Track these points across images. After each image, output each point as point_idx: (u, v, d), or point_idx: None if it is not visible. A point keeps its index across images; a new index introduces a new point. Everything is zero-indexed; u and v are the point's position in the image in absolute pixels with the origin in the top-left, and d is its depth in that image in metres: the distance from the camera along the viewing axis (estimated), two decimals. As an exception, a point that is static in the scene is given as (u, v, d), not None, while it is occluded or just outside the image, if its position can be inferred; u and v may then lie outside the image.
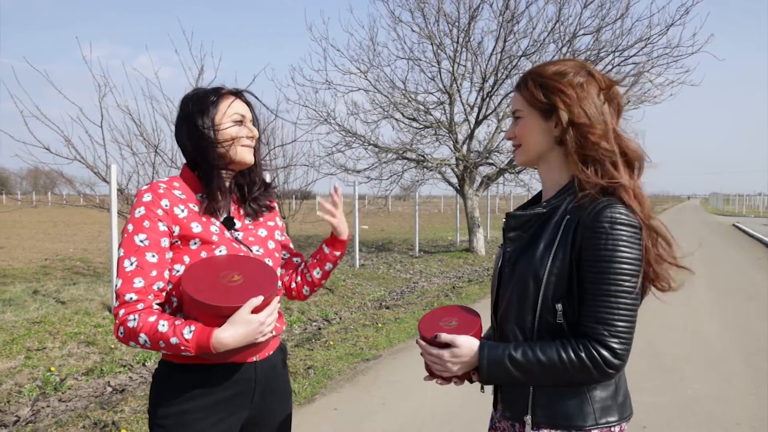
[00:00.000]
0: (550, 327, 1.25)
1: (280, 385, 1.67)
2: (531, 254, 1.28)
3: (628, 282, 1.18)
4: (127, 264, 1.41)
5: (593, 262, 1.19)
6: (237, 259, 1.51)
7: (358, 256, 11.41)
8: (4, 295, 7.29)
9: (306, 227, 20.66)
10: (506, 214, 1.38)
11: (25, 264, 11.32)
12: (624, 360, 1.19)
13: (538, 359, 1.21)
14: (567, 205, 1.28)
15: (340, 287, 8.97)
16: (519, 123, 1.36)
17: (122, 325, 1.39)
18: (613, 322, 1.18)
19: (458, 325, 1.37)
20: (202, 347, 1.35)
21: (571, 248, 1.22)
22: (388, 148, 12.69)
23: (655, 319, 6.78)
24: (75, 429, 3.57)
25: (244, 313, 1.36)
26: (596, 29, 10.89)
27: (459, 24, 11.66)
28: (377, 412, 3.90)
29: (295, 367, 4.72)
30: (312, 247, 15.30)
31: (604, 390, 1.25)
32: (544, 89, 1.29)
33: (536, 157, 1.36)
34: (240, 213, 1.65)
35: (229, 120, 1.55)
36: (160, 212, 1.46)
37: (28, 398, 4.24)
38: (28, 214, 31.19)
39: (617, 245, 1.17)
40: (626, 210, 1.21)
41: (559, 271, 1.22)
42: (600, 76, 1.31)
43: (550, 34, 11.08)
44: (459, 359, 1.29)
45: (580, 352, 1.18)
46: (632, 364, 5.31)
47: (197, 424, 1.46)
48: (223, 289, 1.40)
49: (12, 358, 4.83)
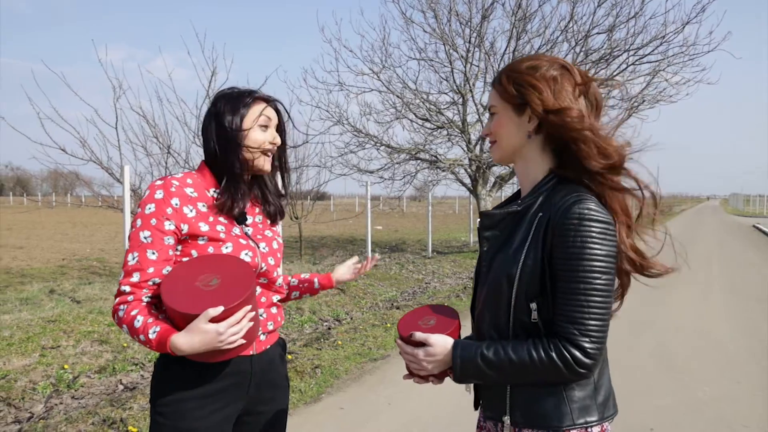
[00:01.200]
0: (525, 326, 1.24)
1: (276, 378, 1.70)
2: (505, 253, 1.27)
3: (599, 279, 1.16)
4: (130, 258, 1.49)
5: (563, 260, 1.18)
6: (223, 261, 1.53)
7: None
8: (22, 294, 7.44)
9: (320, 228, 20.81)
10: (480, 213, 1.38)
11: (42, 264, 11.53)
12: (595, 359, 1.18)
13: (509, 358, 1.20)
14: (541, 201, 1.27)
15: (352, 287, 9.00)
16: (494, 119, 1.36)
17: (115, 314, 1.49)
18: (584, 321, 1.16)
19: (436, 324, 1.37)
20: (162, 348, 1.40)
21: (542, 246, 1.21)
22: (400, 149, 12.70)
23: (668, 320, 6.71)
24: (84, 425, 3.64)
25: (200, 323, 1.37)
26: (610, 28, 10.78)
27: (471, 24, 11.63)
28: (383, 412, 3.92)
29: (303, 367, 4.76)
30: (325, 248, 15.37)
31: (582, 389, 1.24)
32: (517, 84, 1.29)
33: (511, 153, 1.36)
34: (255, 211, 1.71)
35: (257, 125, 1.60)
36: (170, 210, 1.50)
37: (42, 395, 4.32)
38: (48, 215, 31.73)
39: (586, 242, 1.16)
40: (597, 205, 1.19)
41: (532, 269, 1.21)
42: (576, 71, 1.30)
43: (563, 33, 11.00)
44: (433, 358, 1.29)
45: (551, 351, 1.17)
46: (642, 364, 5.25)
47: (194, 413, 1.51)
48: (192, 294, 1.43)
49: (27, 356, 4.93)
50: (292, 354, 5.15)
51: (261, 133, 1.61)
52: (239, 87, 1.66)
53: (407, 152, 12.74)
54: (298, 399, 4.13)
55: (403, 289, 9.57)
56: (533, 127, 1.28)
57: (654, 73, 11.28)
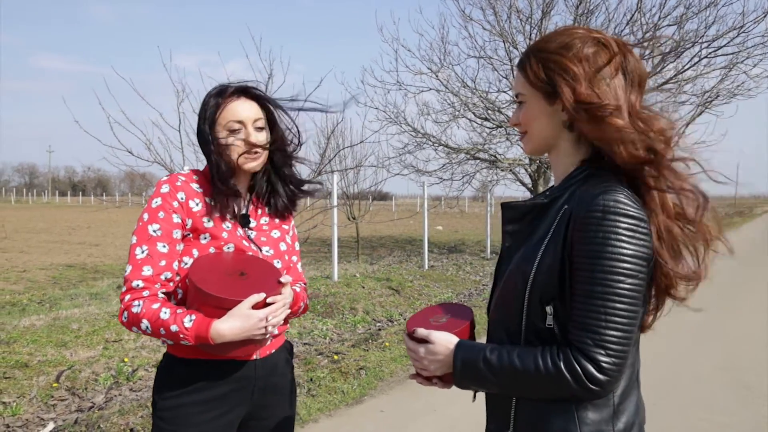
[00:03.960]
0: (538, 332, 1.10)
1: (282, 383, 1.68)
2: (524, 249, 1.14)
3: (623, 283, 1.00)
4: (138, 252, 1.46)
5: (582, 258, 1.03)
6: (246, 258, 1.54)
7: (427, 258, 11.36)
8: (92, 290, 7.87)
9: (380, 228, 20.89)
10: (501, 204, 1.25)
11: (114, 260, 12.18)
12: (612, 376, 1.01)
13: (512, 364, 1.07)
14: (569, 194, 1.12)
15: (407, 288, 8.96)
16: (522, 108, 1.21)
17: (126, 310, 1.43)
18: (600, 330, 1.00)
19: (446, 322, 1.27)
20: (200, 337, 1.37)
21: (563, 242, 1.06)
22: (459, 149, 12.55)
23: (737, 330, 6.27)
24: (134, 417, 3.79)
25: (243, 308, 1.38)
26: (680, 18, 10.20)
27: (532, 20, 11.32)
28: (422, 416, 3.86)
29: (348, 368, 4.77)
30: (384, 248, 15.41)
31: (598, 411, 1.07)
32: (546, 67, 1.13)
33: (543, 145, 1.21)
34: (257, 213, 1.67)
35: (223, 129, 1.55)
36: (176, 204, 1.50)
37: (103, 386, 4.55)
38: (124, 214, 33.49)
39: (609, 238, 1.00)
40: (627, 197, 1.03)
41: (549, 268, 1.07)
42: (613, 42, 1.12)
43: (629, 26, 10.51)
44: (434, 357, 1.18)
45: (559, 360, 1.03)
46: (706, 378, 4.92)
47: (195, 418, 1.49)
48: (228, 283, 1.42)
49: (92, 348, 5.20)
50: (339, 354, 5.17)
51: (231, 136, 1.55)
52: (227, 84, 1.59)
53: (466, 152, 12.57)
54: (340, 400, 4.13)
55: (459, 290, 9.44)
56: (567, 116, 1.13)
57: (730, 66, 10.59)
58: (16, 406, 3.90)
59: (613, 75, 1.11)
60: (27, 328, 5.43)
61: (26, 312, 6.73)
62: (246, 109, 1.57)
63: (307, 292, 1.79)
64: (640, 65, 1.15)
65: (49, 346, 4.99)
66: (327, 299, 7.32)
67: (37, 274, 10.90)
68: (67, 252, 14.73)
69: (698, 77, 10.63)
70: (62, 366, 4.67)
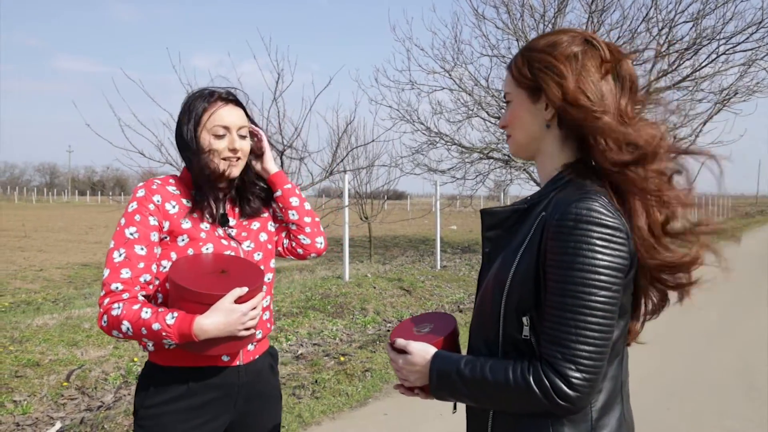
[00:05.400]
0: (515, 343, 1.07)
1: (266, 390, 1.66)
2: (501, 257, 1.11)
3: (595, 296, 0.96)
4: (116, 255, 1.45)
5: (554, 269, 1.00)
6: (225, 257, 1.54)
7: (439, 257, 11.32)
8: (106, 289, 7.93)
9: (394, 227, 20.87)
10: (480, 211, 1.22)
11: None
12: (582, 392, 0.97)
13: (484, 377, 1.04)
14: (549, 199, 1.09)
15: (419, 289, 8.93)
16: (508, 108, 1.20)
17: (106, 314, 1.42)
18: (570, 344, 0.97)
19: (429, 332, 1.26)
20: (183, 334, 1.36)
21: (537, 251, 1.03)
22: (473, 148, 12.48)
23: (752, 333, 6.14)
24: (139, 418, 3.82)
25: (226, 302, 1.37)
26: (697, 15, 10.02)
27: (545, 18, 11.20)
28: (425, 421, 3.83)
29: (353, 370, 4.75)
30: (397, 248, 15.39)
31: (574, 427, 1.03)
32: (531, 64, 1.11)
33: (527, 146, 1.18)
34: (235, 210, 1.67)
35: (210, 133, 1.55)
36: (152, 207, 1.50)
37: (112, 386, 4.59)
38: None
39: (581, 249, 0.96)
40: (603, 206, 0.99)
41: (525, 277, 1.04)
42: (605, 46, 1.10)
43: (644, 22, 10.35)
44: (413, 367, 1.16)
45: (528, 375, 1.00)
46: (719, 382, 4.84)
47: (177, 427, 1.49)
48: (209, 280, 1.42)
49: (102, 347, 5.26)
50: (346, 356, 5.16)
51: (216, 141, 1.54)
52: (206, 88, 1.59)
53: (479, 151, 12.49)
54: (344, 403, 4.12)
55: (470, 291, 9.38)
56: (551, 116, 1.11)
57: (749, 63, 10.38)
58: (26, 405, 3.96)
59: (602, 76, 1.09)
60: (40, 327, 5.51)
61: (40, 311, 6.83)
62: (233, 115, 1.57)
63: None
64: (633, 71, 1.12)
65: (60, 345, 5.05)
66: (338, 299, 7.32)
67: (54, 273, 11.07)
68: (83, 251, 14.95)
69: (716, 74, 10.43)
70: (73, 365, 4.73)
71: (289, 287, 7.74)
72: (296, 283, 8.22)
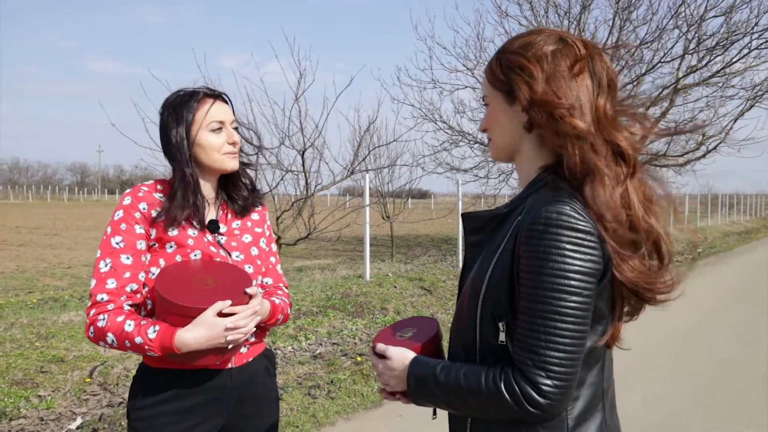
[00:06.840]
0: (492, 349, 1.05)
1: (261, 392, 1.65)
2: (479, 262, 1.10)
3: (565, 301, 0.94)
4: (102, 265, 1.45)
5: (525, 274, 0.98)
6: (214, 265, 1.52)
7: (461, 257, 11.25)
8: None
9: (417, 227, 20.82)
10: (461, 215, 1.20)
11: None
12: (554, 399, 0.95)
13: (458, 383, 1.03)
14: (527, 203, 1.07)
15: (440, 288, 8.89)
16: (487, 111, 1.18)
17: (92, 325, 1.43)
18: (541, 351, 0.95)
19: (411, 336, 1.25)
20: (165, 347, 1.36)
21: (511, 255, 1.02)
22: (495, 147, 12.38)
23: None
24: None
25: (208, 316, 1.36)
26: (729, 9, 9.74)
27: (570, 15, 11.04)
28: (441, 424, 3.77)
29: (369, 370, 4.75)
30: (419, 247, 15.36)
31: None
32: (504, 66, 1.10)
33: (506, 149, 1.16)
34: (227, 217, 1.65)
35: (206, 129, 1.54)
36: (138, 215, 1.49)
37: (133, 382, 4.68)
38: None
39: (551, 253, 0.95)
40: (574, 209, 0.97)
41: (499, 282, 1.02)
42: (579, 42, 1.08)
43: (673, 19, 10.11)
44: (392, 372, 1.16)
45: (500, 381, 0.98)
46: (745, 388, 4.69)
47: (168, 428, 1.49)
48: (194, 291, 1.41)
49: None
50: (363, 356, 5.16)
51: (214, 136, 1.54)
52: (187, 89, 1.58)
53: (502, 150, 12.39)
54: (359, 403, 4.12)
55: (492, 291, 9.31)
56: (527, 118, 1.08)
57: (783, 58, 10.07)
58: (50, 400, 4.05)
59: (575, 75, 1.06)
60: (65, 323, 5.63)
61: (67, 308, 6.98)
62: (224, 110, 1.59)
63: (289, 298, 1.76)
64: (611, 67, 1.09)
65: (84, 341, 5.15)
66: (358, 299, 7.33)
67: (81, 270, 11.33)
68: (112, 249, 15.22)
69: (747, 70, 10.14)
70: (96, 361, 4.82)
71: (310, 286, 7.77)
72: (317, 282, 8.25)
